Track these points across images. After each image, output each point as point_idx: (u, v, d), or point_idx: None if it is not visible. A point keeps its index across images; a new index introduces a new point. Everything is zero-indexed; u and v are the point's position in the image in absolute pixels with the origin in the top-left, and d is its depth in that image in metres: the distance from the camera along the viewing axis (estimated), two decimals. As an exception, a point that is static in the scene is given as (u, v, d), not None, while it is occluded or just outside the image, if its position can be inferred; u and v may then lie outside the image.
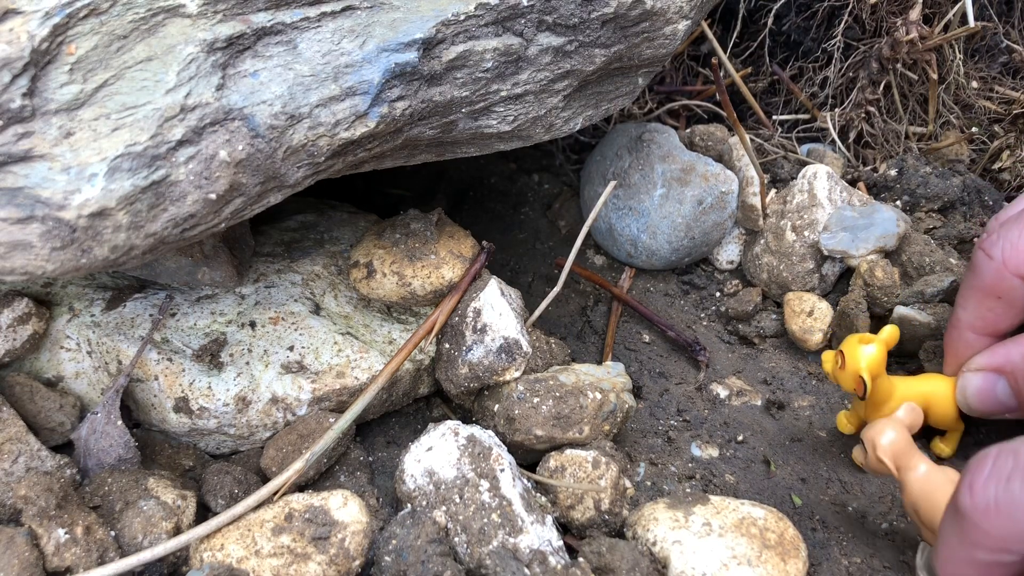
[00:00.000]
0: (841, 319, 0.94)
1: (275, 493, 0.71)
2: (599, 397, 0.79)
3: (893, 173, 1.07)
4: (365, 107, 0.68)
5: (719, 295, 1.05)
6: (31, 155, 0.56)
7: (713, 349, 0.99)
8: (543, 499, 0.75)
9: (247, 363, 0.82)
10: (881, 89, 1.14)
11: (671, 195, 1.02)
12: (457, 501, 0.70)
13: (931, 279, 0.91)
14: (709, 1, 0.84)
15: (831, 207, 0.99)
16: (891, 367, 0.91)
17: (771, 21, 1.22)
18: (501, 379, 0.81)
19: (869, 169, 1.11)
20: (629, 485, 0.77)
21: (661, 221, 1.02)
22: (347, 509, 0.70)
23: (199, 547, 0.68)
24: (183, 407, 0.80)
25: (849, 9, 1.17)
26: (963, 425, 0.82)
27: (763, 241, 1.02)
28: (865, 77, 1.15)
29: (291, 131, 0.65)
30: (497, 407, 0.80)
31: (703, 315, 1.04)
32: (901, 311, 0.89)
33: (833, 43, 1.18)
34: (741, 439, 0.88)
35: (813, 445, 0.88)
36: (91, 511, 0.70)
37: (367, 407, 0.80)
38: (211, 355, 0.81)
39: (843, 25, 1.17)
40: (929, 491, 0.67)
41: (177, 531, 0.71)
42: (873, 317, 0.93)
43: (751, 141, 1.10)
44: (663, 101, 1.31)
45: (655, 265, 1.06)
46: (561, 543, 0.71)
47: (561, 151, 1.28)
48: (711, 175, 1.03)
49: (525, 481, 0.74)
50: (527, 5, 0.70)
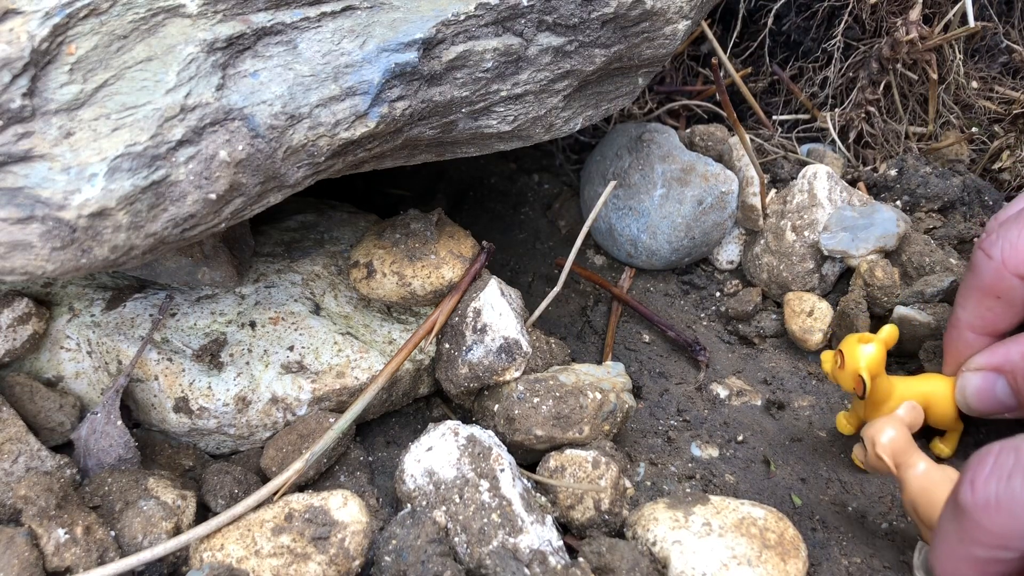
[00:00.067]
0: (841, 319, 0.94)
1: (275, 493, 0.71)
2: (599, 397, 0.79)
3: (893, 173, 1.07)
4: (365, 107, 0.68)
5: (719, 295, 1.05)
6: (31, 155, 0.56)
7: (713, 349, 0.99)
8: (543, 499, 0.75)
9: (247, 363, 0.82)
10: (881, 89, 1.14)
11: (671, 195, 1.02)
12: (457, 501, 0.70)
13: (931, 279, 0.91)
14: (709, 1, 0.84)
15: (831, 207, 0.99)
16: (891, 367, 0.92)
17: (771, 21, 1.22)
18: (501, 379, 0.81)
19: (869, 169, 1.11)
20: (629, 485, 0.77)
21: (661, 221, 1.02)
22: (347, 509, 0.70)
23: (199, 547, 0.68)
24: (183, 407, 0.80)
25: (849, 9, 1.17)
26: (962, 425, 0.82)
27: (763, 241, 1.02)
28: (865, 77, 1.15)
29: (291, 131, 0.65)
30: (497, 407, 0.80)
31: (703, 315, 1.04)
32: (901, 311, 0.89)
33: (833, 43, 1.18)
34: (741, 439, 0.88)
35: (813, 445, 0.88)
36: (91, 511, 0.70)
37: (367, 407, 0.80)
38: (211, 355, 0.81)
39: (843, 25, 1.17)
40: (928, 489, 0.67)
41: (177, 531, 0.71)
42: (873, 317, 0.93)
43: (751, 141, 1.10)
44: (663, 101, 1.31)
45: (655, 265, 1.06)
46: (561, 543, 0.71)
47: (561, 151, 1.28)
48: (711, 175, 1.02)
49: (525, 481, 0.74)
50: (527, 5, 0.70)
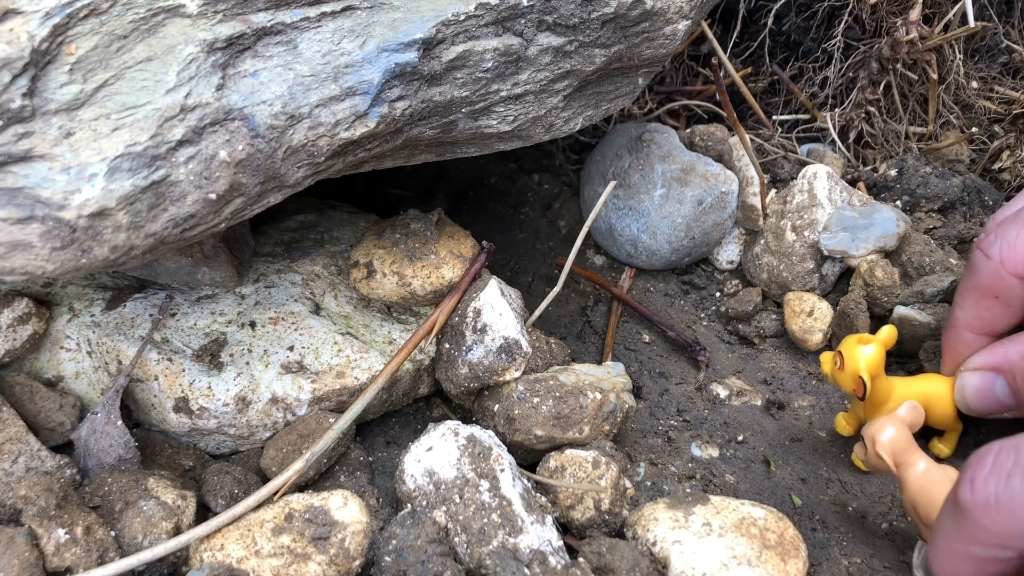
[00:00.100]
0: (841, 319, 0.94)
1: (275, 493, 0.71)
2: (599, 397, 0.79)
3: (893, 173, 1.07)
4: (365, 107, 0.68)
5: (719, 295, 1.05)
6: (31, 155, 0.56)
7: (713, 349, 0.99)
8: (543, 499, 0.75)
9: (247, 363, 0.82)
10: (881, 89, 1.14)
11: (671, 195, 1.02)
12: (457, 501, 0.70)
13: (931, 279, 0.91)
14: (709, 1, 0.84)
15: (831, 207, 0.99)
16: (891, 367, 0.92)
17: (771, 21, 1.22)
18: (501, 379, 0.81)
19: (869, 169, 1.11)
20: (629, 485, 0.77)
21: (661, 221, 1.02)
22: (347, 509, 0.70)
23: (199, 547, 0.68)
24: (183, 407, 0.80)
25: (849, 9, 1.17)
26: (961, 425, 0.82)
27: (763, 241, 1.02)
28: (865, 77, 1.15)
29: (291, 131, 0.65)
30: (497, 407, 0.80)
31: (703, 315, 1.04)
32: (901, 311, 0.89)
33: (833, 43, 1.18)
34: (741, 439, 0.88)
35: (813, 445, 0.88)
36: (91, 511, 0.70)
37: (367, 407, 0.80)
38: (211, 355, 0.81)
39: (843, 25, 1.17)
40: (928, 488, 0.67)
41: (177, 531, 0.71)
42: (873, 317, 0.93)
43: (751, 141, 1.10)
44: (663, 101, 1.31)
45: (655, 265, 1.06)
46: (561, 543, 0.71)
47: (561, 151, 1.28)
48: (711, 175, 1.02)
49: (525, 481, 0.74)
50: (527, 5, 0.70)
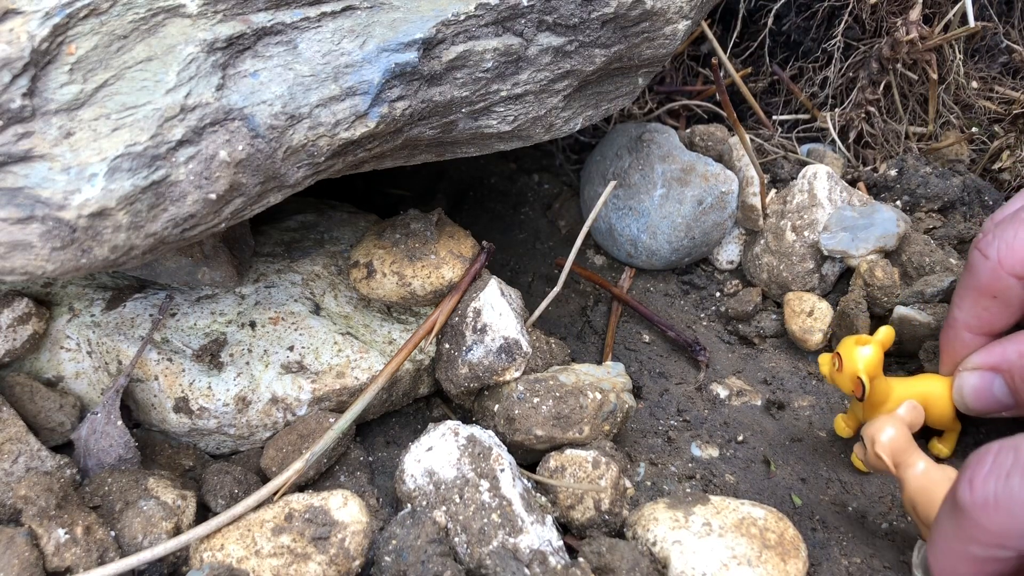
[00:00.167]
0: (841, 319, 0.94)
1: (275, 493, 0.71)
2: (599, 397, 0.79)
3: (893, 173, 1.07)
4: (365, 107, 0.68)
5: (719, 295, 1.05)
6: (31, 155, 0.56)
7: (713, 349, 0.99)
8: (543, 499, 0.75)
9: (247, 363, 0.82)
10: (881, 89, 1.14)
11: (671, 195, 1.02)
12: (457, 501, 0.70)
13: (931, 279, 0.91)
14: (709, 1, 0.84)
15: (831, 207, 0.99)
16: (891, 367, 0.92)
17: (771, 21, 1.22)
18: (501, 379, 0.81)
19: (869, 169, 1.11)
20: (629, 485, 0.77)
21: (661, 221, 1.02)
22: (347, 509, 0.70)
23: (199, 547, 0.68)
24: (183, 407, 0.80)
25: (849, 9, 1.17)
26: (960, 425, 0.82)
27: (763, 241, 1.02)
28: (865, 77, 1.15)
29: (291, 131, 0.65)
30: (497, 407, 0.80)
31: (703, 315, 1.04)
32: (901, 311, 0.89)
33: (833, 43, 1.18)
34: (741, 439, 0.88)
35: (813, 445, 0.88)
36: (91, 511, 0.70)
37: (367, 407, 0.80)
38: (211, 355, 0.81)
39: (843, 25, 1.17)
40: (928, 488, 0.67)
41: (177, 531, 0.71)
42: (873, 317, 0.93)
43: (751, 141, 1.10)
44: (663, 101, 1.31)
45: (655, 265, 1.06)
46: (561, 543, 0.71)
47: (561, 151, 1.28)
48: (711, 175, 1.02)
49: (525, 481, 0.74)
50: (527, 5, 0.70)
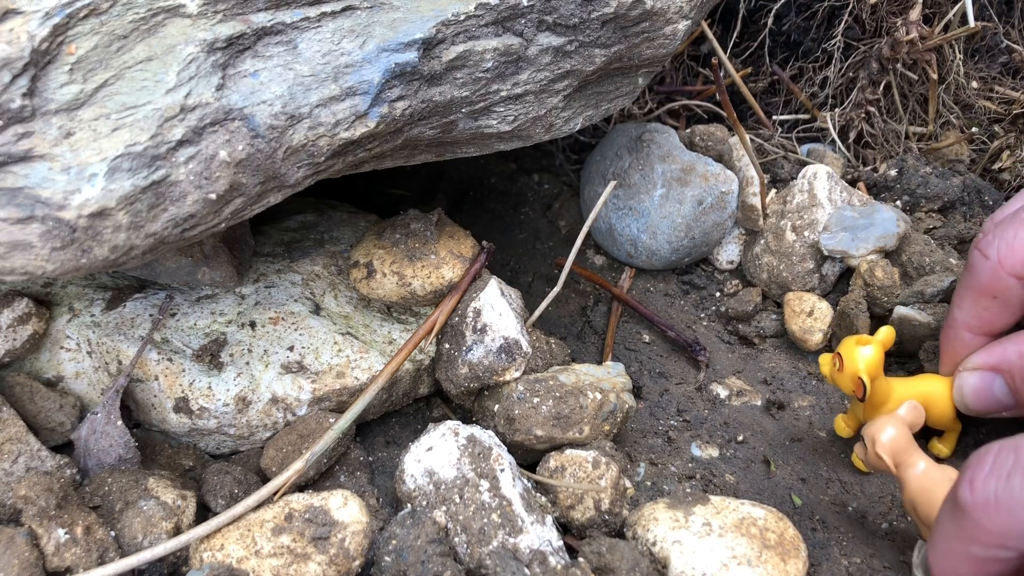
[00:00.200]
0: (841, 319, 0.94)
1: (275, 493, 0.71)
2: (599, 397, 0.79)
3: (893, 173, 1.07)
4: (365, 107, 0.68)
5: (719, 295, 1.05)
6: (31, 155, 0.56)
7: (713, 349, 0.99)
8: (543, 499, 0.75)
9: (247, 363, 0.82)
10: (881, 89, 1.14)
11: (671, 195, 1.02)
12: (457, 501, 0.70)
13: (931, 279, 0.91)
14: (709, 1, 0.84)
15: (831, 207, 0.99)
16: (891, 367, 0.92)
17: (771, 21, 1.22)
18: (501, 379, 0.81)
19: (869, 169, 1.11)
20: (629, 485, 0.77)
21: (661, 221, 1.02)
22: (347, 509, 0.70)
23: (199, 547, 0.68)
24: (183, 407, 0.80)
25: (849, 9, 1.17)
26: (960, 425, 0.82)
27: (763, 241, 1.02)
28: (865, 77, 1.15)
29: (291, 131, 0.65)
30: (497, 407, 0.80)
31: (703, 315, 1.04)
32: (901, 311, 0.89)
33: (833, 43, 1.18)
34: (741, 439, 0.88)
35: (813, 445, 0.88)
36: (91, 511, 0.70)
37: (367, 407, 0.80)
38: (211, 355, 0.81)
39: (843, 25, 1.17)
40: (928, 488, 0.67)
41: (177, 531, 0.71)
42: (873, 317, 0.93)
43: (751, 141, 1.10)
44: (663, 101, 1.31)
45: (655, 265, 1.06)
46: (561, 543, 0.71)
47: (561, 151, 1.28)
48: (711, 175, 1.02)
49: (525, 481, 0.74)
50: (527, 5, 0.70)
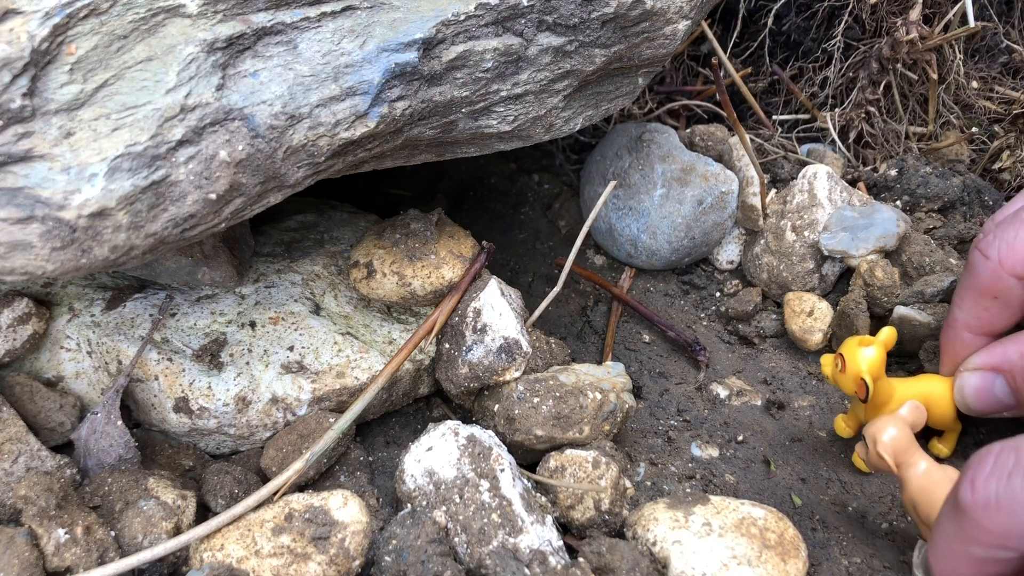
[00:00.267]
0: (841, 319, 0.94)
1: (275, 493, 0.71)
2: (599, 397, 0.79)
3: (893, 173, 1.07)
4: (365, 107, 0.68)
5: (719, 295, 1.05)
6: (31, 155, 0.56)
7: (713, 349, 0.99)
8: (543, 499, 0.75)
9: (247, 363, 0.82)
10: (881, 89, 1.14)
11: (671, 195, 1.02)
12: (457, 501, 0.70)
13: (931, 279, 0.91)
14: (709, 1, 0.84)
15: (831, 207, 0.99)
16: (891, 368, 0.92)
17: (771, 21, 1.22)
18: (501, 379, 0.81)
19: (869, 169, 1.11)
20: (629, 485, 0.77)
21: (661, 221, 1.02)
22: (347, 509, 0.70)
23: (199, 547, 0.68)
24: (183, 407, 0.80)
25: (849, 9, 1.17)
26: (961, 425, 0.82)
27: (763, 241, 1.02)
28: (865, 77, 1.15)
29: (291, 131, 0.65)
30: (497, 407, 0.80)
31: (703, 315, 1.04)
32: (901, 311, 0.89)
33: (833, 43, 1.18)
34: (741, 439, 0.88)
35: (813, 445, 0.88)
36: (91, 511, 0.70)
37: (367, 407, 0.80)
38: (211, 355, 0.81)
39: (843, 25, 1.17)
40: (929, 488, 0.67)
41: (177, 531, 0.71)
42: (873, 317, 0.93)
43: (751, 141, 1.10)
44: (663, 101, 1.31)
45: (655, 265, 1.06)
46: (561, 543, 0.71)
47: (561, 151, 1.28)
48: (711, 175, 1.02)
49: (525, 481, 0.74)
50: (527, 5, 0.70)
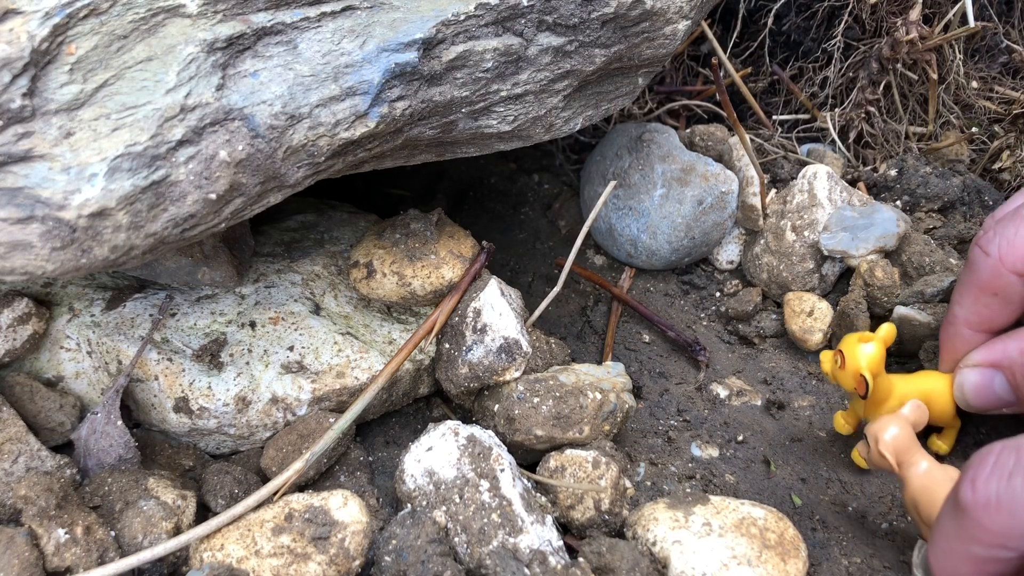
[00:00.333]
0: (841, 319, 0.94)
1: (275, 493, 0.71)
2: (599, 397, 0.79)
3: (893, 173, 1.07)
4: (365, 107, 0.68)
5: (719, 295, 1.05)
6: (31, 155, 0.56)
7: (713, 349, 0.99)
8: (543, 499, 0.75)
9: (247, 363, 0.82)
10: (881, 89, 1.14)
11: (671, 195, 1.02)
12: (457, 501, 0.70)
13: (931, 279, 0.91)
14: (709, 1, 0.84)
15: (831, 207, 0.99)
16: (891, 368, 0.92)
17: (771, 21, 1.22)
18: (501, 379, 0.81)
19: (869, 169, 1.11)
20: (629, 485, 0.77)
21: (661, 221, 1.02)
22: (347, 509, 0.70)
23: (199, 547, 0.68)
24: (183, 407, 0.80)
25: (849, 9, 1.17)
26: (960, 422, 0.82)
27: (763, 241, 1.02)
28: (865, 77, 1.15)
29: (291, 131, 0.65)
30: (497, 407, 0.80)
31: (703, 315, 1.04)
32: (901, 311, 0.89)
33: (833, 43, 1.18)
34: (741, 439, 0.88)
35: (813, 445, 0.88)
36: (91, 511, 0.70)
37: (367, 407, 0.80)
38: (211, 355, 0.81)
39: (843, 25, 1.17)
40: (930, 488, 0.67)
41: (177, 531, 0.71)
42: (873, 317, 0.93)
43: (751, 141, 1.10)
44: (663, 101, 1.31)
45: (655, 265, 1.06)
46: (561, 543, 0.71)
47: (561, 151, 1.28)
48: (711, 175, 1.02)
49: (525, 481, 0.74)
50: (527, 5, 0.70)
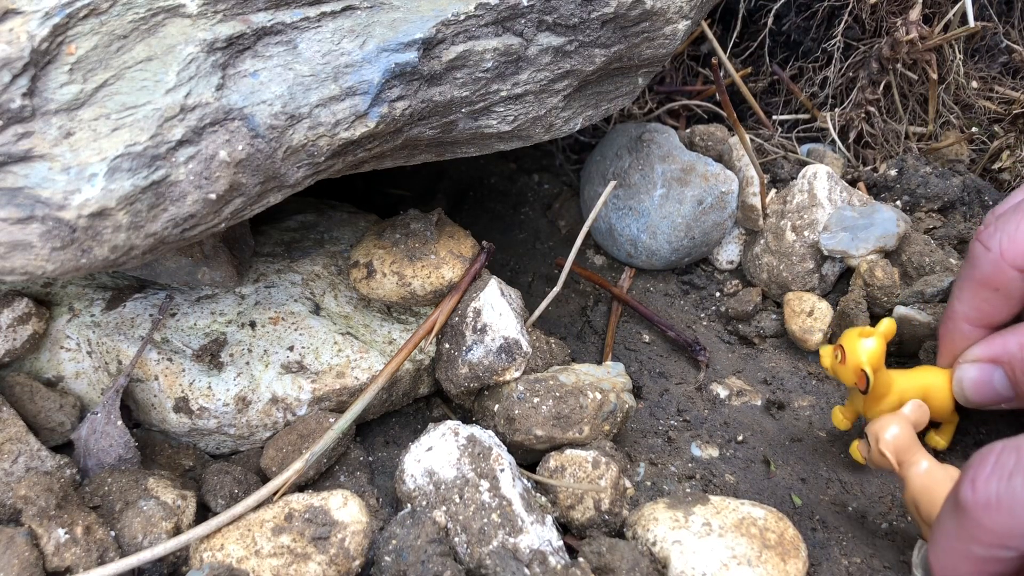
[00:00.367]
0: (841, 319, 0.94)
1: (275, 493, 0.71)
2: (599, 397, 0.79)
3: (893, 173, 1.07)
4: (365, 107, 0.68)
5: (719, 295, 1.05)
6: (31, 155, 0.56)
7: (713, 349, 0.99)
8: (543, 499, 0.75)
9: (247, 363, 0.82)
10: (881, 89, 1.14)
11: (671, 195, 1.02)
12: (457, 501, 0.70)
13: (931, 279, 0.91)
14: (709, 1, 0.84)
15: (831, 207, 0.99)
16: (891, 367, 0.92)
17: (771, 21, 1.22)
18: (501, 379, 0.81)
19: (869, 169, 1.11)
20: (629, 485, 0.77)
21: (661, 221, 1.02)
22: (347, 509, 0.70)
23: (199, 547, 0.68)
24: (183, 407, 0.80)
25: (849, 9, 1.17)
26: (958, 417, 0.82)
27: (763, 241, 1.02)
28: (865, 77, 1.15)
29: (291, 131, 0.65)
30: (497, 407, 0.80)
31: (703, 315, 1.04)
32: (901, 311, 0.89)
33: (833, 43, 1.18)
34: (741, 439, 0.88)
35: (813, 445, 0.88)
36: (91, 511, 0.70)
37: (367, 407, 0.80)
38: (211, 355, 0.81)
39: (843, 25, 1.17)
40: (930, 487, 0.67)
41: (177, 531, 0.71)
42: (873, 317, 0.93)
43: (751, 141, 1.10)
44: (663, 101, 1.31)
45: (655, 265, 1.06)
46: (561, 543, 0.71)
47: (561, 151, 1.28)
48: (711, 175, 1.03)
49: (525, 481, 0.74)
50: (527, 5, 0.70)
